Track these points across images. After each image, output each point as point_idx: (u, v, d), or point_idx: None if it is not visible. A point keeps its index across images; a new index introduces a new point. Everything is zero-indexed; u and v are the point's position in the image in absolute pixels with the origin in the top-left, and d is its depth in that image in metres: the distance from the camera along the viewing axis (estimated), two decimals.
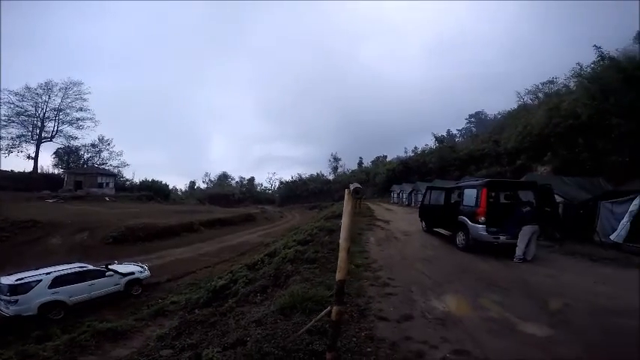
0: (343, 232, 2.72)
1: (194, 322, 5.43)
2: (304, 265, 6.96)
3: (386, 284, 5.93)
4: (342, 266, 2.71)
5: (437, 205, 11.48)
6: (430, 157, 40.99)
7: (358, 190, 2.29)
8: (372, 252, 8.81)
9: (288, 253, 8.17)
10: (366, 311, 4.60)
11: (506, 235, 8.31)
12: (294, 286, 5.39)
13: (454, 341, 3.76)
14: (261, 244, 21.68)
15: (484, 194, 8.62)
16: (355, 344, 3.63)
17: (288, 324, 4.01)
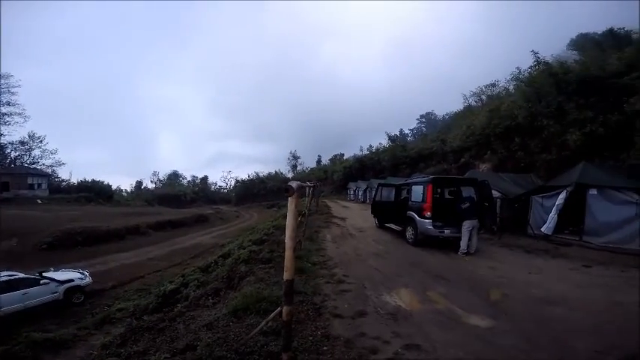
0: (288, 231, 2.71)
1: (141, 329, 5.14)
2: (259, 266, 6.84)
3: (341, 281, 6.01)
4: (288, 266, 2.71)
5: (388, 201, 11.87)
6: (384, 155, 42.21)
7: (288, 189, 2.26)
8: (329, 249, 8.89)
9: (242, 253, 7.97)
10: (322, 309, 4.62)
11: (451, 229, 8.83)
12: (247, 288, 5.29)
13: (405, 336, 3.87)
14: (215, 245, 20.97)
15: (430, 190, 9.08)
16: (312, 343, 3.63)
17: (241, 326, 3.93)
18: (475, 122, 27.07)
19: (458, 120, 35.52)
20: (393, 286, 5.82)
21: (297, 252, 7.82)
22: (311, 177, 59.27)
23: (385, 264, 7.49)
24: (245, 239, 11.00)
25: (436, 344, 3.66)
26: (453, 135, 30.79)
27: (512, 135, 22.49)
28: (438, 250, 8.78)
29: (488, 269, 7.13)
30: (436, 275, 6.56)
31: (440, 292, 5.54)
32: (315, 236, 10.61)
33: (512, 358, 3.41)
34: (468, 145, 27.45)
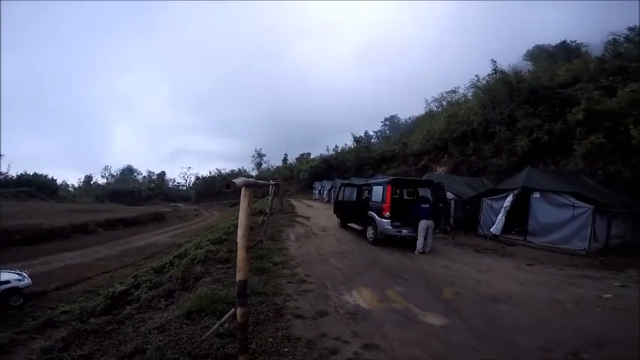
0: (240, 231, 2.67)
1: (86, 332, 4.83)
2: (217, 266, 6.68)
3: (303, 281, 6.01)
4: (241, 266, 2.67)
5: (350, 201, 12.04)
6: (349, 155, 42.90)
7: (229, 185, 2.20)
8: (291, 249, 8.88)
9: (198, 253, 7.69)
10: (283, 310, 4.60)
11: (408, 229, 9.16)
12: (203, 289, 5.14)
13: (364, 335, 3.93)
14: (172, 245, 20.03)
15: (389, 191, 9.37)
16: (272, 345, 3.61)
17: (195, 329, 3.84)
18: (435, 127, 28.27)
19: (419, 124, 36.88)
20: (354, 285, 5.91)
21: (259, 251, 7.74)
22: (276, 175, 58.64)
23: (346, 263, 7.59)
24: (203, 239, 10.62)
25: (394, 343, 3.74)
26: (414, 138, 31.96)
27: (467, 140, 23.81)
28: (396, 250, 9.04)
29: (442, 268, 7.45)
30: (394, 274, 6.75)
31: (397, 290, 5.71)
32: (278, 235, 10.52)
33: (464, 356, 3.56)
34: (427, 148, 28.66)
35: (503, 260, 8.52)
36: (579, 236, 8.75)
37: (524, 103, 19.85)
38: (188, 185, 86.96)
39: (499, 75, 22.98)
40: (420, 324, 4.37)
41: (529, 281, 6.54)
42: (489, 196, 11.51)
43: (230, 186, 2.39)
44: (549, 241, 9.38)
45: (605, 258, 8.04)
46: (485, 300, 5.37)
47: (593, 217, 8.49)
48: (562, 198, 9.28)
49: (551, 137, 17.85)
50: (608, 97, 16.37)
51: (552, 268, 7.65)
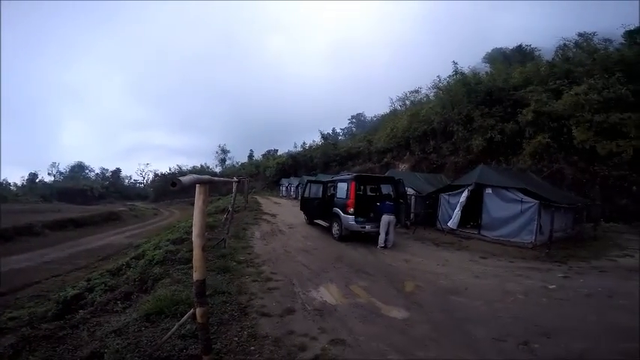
0: (196, 229, 2.62)
1: (37, 338, 4.49)
2: (177, 266, 6.43)
3: (269, 279, 5.96)
4: (198, 265, 2.64)
5: (316, 198, 12.10)
6: (316, 152, 43.16)
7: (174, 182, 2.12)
8: (257, 247, 8.75)
9: (157, 254, 7.37)
10: (249, 308, 4.54)
11: (371, 225, 9.40)
12: (162, 290, 4.97)
13: (331, 331, 3.99)
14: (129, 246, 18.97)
15: (353, 187, 9.52)
16: (237, 344, 3.56)
17: (154, 331, 3.72)
18: (398, 125, 29.21)
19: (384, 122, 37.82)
20: (320, 281, 5.97)
21: (222, 250, 7.57)
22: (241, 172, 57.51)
23: (313, 260, 7.62)
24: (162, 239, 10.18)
25: (359, 338, 3.83)
26: (379, 136, 32.81)
27: (428, 138, 24.91)
28: (360, 245, 9.22)
29: (403, 262, 7.71)
30: (358, 269, 6.88)
31: (362, 285, 5.83)
32: (242, 234, 10.33)
33: (424, 347, 3.70)
34: (390, 146, 29.56)
35: (460, 253, 8.95)
36: (527, 230, 9.39)
37: (480, 104, 21.07)
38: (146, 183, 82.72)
39: (459, 76, 24.18)
40: (383, 318, 4.50)
41: (483, 273, 6.93)
42: (447, 191, 12.00)
43: (176, 184, 2.22)
44: (501, 235, 9.97)
45: (549, 250, 8.68)
46: (443, 292, 5.62)
47: (539, 212, 9.14)
48: (511, 193, 9.89)
49: (503, 136, 19.14)
50: (555, 100, 17.84)
51: (504, 260, 8.16)
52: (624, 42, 19.78)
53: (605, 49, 20.13)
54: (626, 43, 19.40)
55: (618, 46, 19.98)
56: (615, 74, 16.48)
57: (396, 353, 3.53)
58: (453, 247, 9.64)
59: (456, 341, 3.84)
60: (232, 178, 7.98)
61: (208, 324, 2.98)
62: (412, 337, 3.93)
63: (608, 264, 7.83)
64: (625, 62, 17.37)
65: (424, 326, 4.24)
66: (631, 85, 15.73)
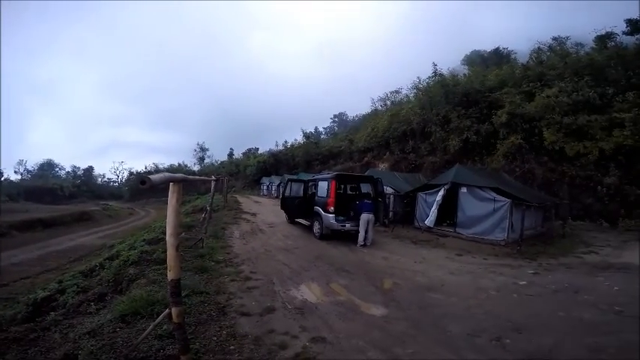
0: (169, 229, 2.60)
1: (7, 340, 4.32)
2: (152, 267, 6.30)
3: (248, 278, 5.93)
4: (172, 265, 2.62)
5: (296, 196, 12.10)
6: (298, 151, 43.02)
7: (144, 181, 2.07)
8: (236, 246, 8.66)
9: (131, 254, 7.18)
10: (227, 308, 4.52)
11: (351, 223, 9.51)
12: (137, 291, 4.87)
13: (311, 329, 4.02)
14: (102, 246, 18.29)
15: (333, 186, 9.60)
16: (216, 343, 3.55)
17: (130, 332, 3.69)
18: (378, 125, 29.55)
19: (365, 122, 38.18)
20: (301, 280, 5.99)
21: (199, 250, 7.45)
22: (221, 171, 56.62)
23: (293, 259, 7.63)
24: (138, 239, 9.90)
25: (340, 335, 3.88)
26: (360, 136, 33.08)
27: (407, 138, 25.34)
28: (341, 244, 9.30)
29: (382, 260, 7.85)
30: (339, 268, 6.94)
31: (342, 283, 5.89)
32: (221, 233, 10.19)
33: (402, 343, 3.77)
34: (371, 145, 29.89)
35: (436, 251, 9.18)
36: (500, 227, 9.74)
37: (457, 105, 21.62)
38: (120, 181, 79.82)
39: (438, 78, 24.70)
40: (362, 315, 4.57)
41: (458, 270, 7.14)
42: (424, 190, 12.27)
43: (145, 182, 2.14)
44: (475, 233, 10.30)
45: (520, 248, 9.03)
46: (420, 289, 5.75)
47: (511, 210, 9.49)
48: (485, 193, 10.23)
49: (478, 137, 19.73)
50: (528, 102, 18.55)
51: (478, 257, 8.43)
52: (595, 46, 20.70)
53: (576, 53, 21.07)
54: (597, 47, 20.30)
55: (589, 50, 20.90)
56: (584, 78, 17.30)
57: (375, 350, 3.59)
58: (430, 245, 9.87)
59: (432, 337, 3.94)
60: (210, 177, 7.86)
61: (185, 324, 2.96)
62: (390, 333, 4.01)
63: (575, 261, 8.22)
64: (594, 66, 18.22)
65: (402, 323, 4.33)
66: (598, 89, 16.54)
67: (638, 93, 15.55)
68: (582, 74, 17.76)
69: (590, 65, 18.41)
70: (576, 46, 22.42)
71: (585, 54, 20.54)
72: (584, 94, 16.38)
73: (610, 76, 17.22)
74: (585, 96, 16.32)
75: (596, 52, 19.59)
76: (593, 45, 21.07)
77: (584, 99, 16.33)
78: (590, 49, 21.01)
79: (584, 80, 17.13)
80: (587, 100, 16.28)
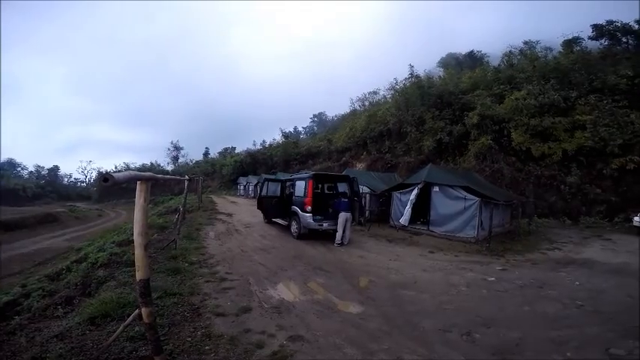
0: (136, 228, 2.58)
1: None
2: (123, 269, 6.13)
3: (223, 279, 5.87)
4: (140, 265, 2.61)
5: (274, 196, 12.05)
6: (276, 150, 42.73)
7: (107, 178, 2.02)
8: (211, 247, 8.52)
9: (100, 256, 6.92)
10: (202, 309, 4.47)
11: (328, 222, 9.59)
12: (106, 293, 4.77)
13: (289, 328, 4.04)
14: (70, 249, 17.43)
15: (310, 186, 9.65)
16: (191, 344, 3.50)
17: (100, 334, 3.64)
18: (356, 125, 29.91)
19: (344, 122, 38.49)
20: (278, 280, 6.00)
21: (172, 252, 7.29)
22: (195, 170, 55.32)
23: (270, 258, 7.60)
24: (107, 241, 9.54)
25: (317, 333, 3.92)
26: (339, 136, 33.34)
27: (384, 139, 25.77)
28: (318, 243, 9.36)
29: (358, 258, 7.96)
30: (316, 267, 6.99)
31: (319, 282, 5.95)
32: (195, 234, 9.99)
33: (377, 340, 3.85)
34: (349, 145, 30.20)
35: (410, 249, 9.40)
36: (470, 225, 10.08)
37: (432, 107, 22.21)
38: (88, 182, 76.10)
39: (414, 79, 25.25)
40: (339, 313, 4.63)
41: (431, 267, 7.35)
42: (398, 190, 12.50)
43: (108, 180, 2.05)
44: (447, 230, 10.62)
45: (489, 244, 9.38)
46: (395, 287, 5.88)
47: (480, 208, 9.86)
48: (456, 191, 10.55)
49: (451, 138, 20.35)
50: (498, 104, 19.33)
51: (449, 254, 8.69)
52: (562, 50, 21.78)
53: (545, 57, 22.10)
54: (563, 51, 21.37)
55: (557, 54, 21.95)
56: (550, 81, 18.24)
57: (352, 346, 3.65)
58: (405, 243, 10.08)
59: (406, 333, 4.04)
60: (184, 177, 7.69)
61: (156, 324, 2.92)
62: (366, 330, 4.09)
63: (540, 257, 8.62)
64: (560, 70, 19.25)
65: (377, 320, 4.42)
66: (563, 92, 17.50)
67: (599, 96, 16.59)
68: (549, 77, 18.72)
69: (557, 69, 19.43)
70: (545, 50, 23.51)
71: (553, 58, 21.58)
72: (549, 97, 17.25)
73: (574, 80, 18.24)
74: (551, 99, 17.20)
75: (563, 57, 20.61)
76: (560, 49, 22.14)
77: (549, 102, 17.20)
78: (558, 53, 22.06)
79: (550, 83, 18.05)
80: (552, 103, 17.17)
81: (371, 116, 28.49)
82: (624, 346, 3.70)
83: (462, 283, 6.22)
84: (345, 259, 7.79)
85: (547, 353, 3.61)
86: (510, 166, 17.59)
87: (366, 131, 27.54)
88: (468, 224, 10.12)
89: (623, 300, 5.37)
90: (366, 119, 28.70)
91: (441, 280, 6.37)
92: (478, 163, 18.35)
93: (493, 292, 5.74)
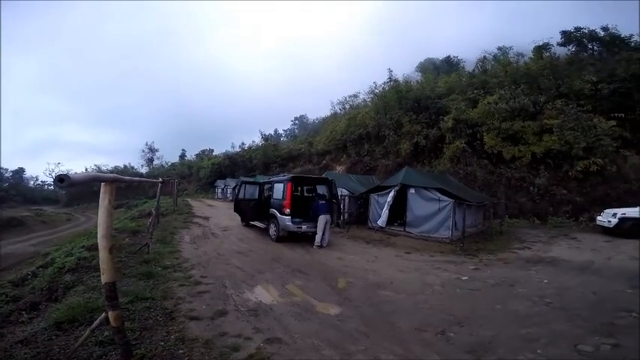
0: (101, 230, 2.54)
1: None
2: (92, 273, 5.94)
3: (198, 283, 5.78)
4: (105, 267, 2.58)
5: (252, 199, 11.94)
6: (256, 153, 42.22)
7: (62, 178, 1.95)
8: (185, 251, 8.36)
9: (68, 261, 6.64)
10: (175, 313, 4.38)
11: (308, 225, 9.59)
12: (74, 298, 4.65)
13: (266, 330, 4.01)
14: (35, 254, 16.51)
15: (289, 188, 9.62)
16: (163, 348, 3.45)
17: (68, 339, 3.55)
18: (337, 128, 30.09)
19: (325, 125, 38.54)
20: (255, 283, 5.94)
21: (145, 256, 7.11)
22: (171, 173, 53.85)
23: (248, 261, 7.53)
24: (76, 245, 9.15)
25: (295, 335, 3.91)
26: (319, 138, 33.41)
27: (363, 142, 26.06)
28: (297, 245, 9.35)
29: (337, 260, 8.01)
30: (295, 269, 6.98)
31: (297, 284, 5.94)
32: (169, 238, 9.77)
33: (355, 341, 3.87)
34: (329, 148, 30.34)
35: (387, 250, 9.55)
36: (444, 226, 10.34)
37: (409, 111, 22.68)
38: None
39: (393, 83, 25.73)
40: (318, 315, 4.64)
41: (407, 268, 7.49)
42: (376, 192, 12.67)
43: (63, 180, 1.92)
44: (423, 231, 10.84)
45: (463, 245, 9.67)
46: (372, 287, 5.95)
47: (454, 210, 10.12)
48: (431, 193, 10.80)
49: (427, 141, 20.86)
50: (472, 108, 19.98)
51: (425, 255, 8.88)
52: (532, 56, 22.60)
53: (516, 63, 23.01)
54: (534, 57, 22.20)
55: (527, 60, 22.81)
56: (521, 86, 19.02)
57: (330, 348, 3.66)
58: (382, 244, 10.23)
59: (382, 333, 4.09)
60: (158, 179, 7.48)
61: (124, 328, 2.86)
62: (344, 331, 4.11)
63: (511, 256, 8.92)
64: (530, 75, 20.10)
65: (355, 320, 4.45)
66: (532, 96, 18.27)
67: (566, 101, 17.46)
68: (520, 82, 19.51)
69: (527, 74, 20.28)
70: (517, 56, 24.51)
71: (524, 63, 22.47)
72: (520, 102, 17.97)
73: (543, 85, 19.10)
74: (521, 103, 17.92)
75: (533, 62, 21.47)
76: (531, 55, 22.97)
77: (519, 106, 17.91)
78: (529, 58, 22.93)
79: (521, 88, 18.83)
80: (522, 107, 17.89)
81: (351, 119, 28.73)
82: (591, 343, 3.82)
83: (437, 282, 6.35)
84: (323, 261, 7.82)
85: (518, 351, 3.68)
86: (483, 169, 18.20)
87: (346, 134, 27.76)
88: (443, 225, 10.37)
89: (589, 297, 5.59)
90: (346, 122, 28.90)
91: (417, 280, 6.48)
92: (452, 166, 18.89)
93: (466, 291, 5.88)
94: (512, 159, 17.50)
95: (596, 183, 15.58)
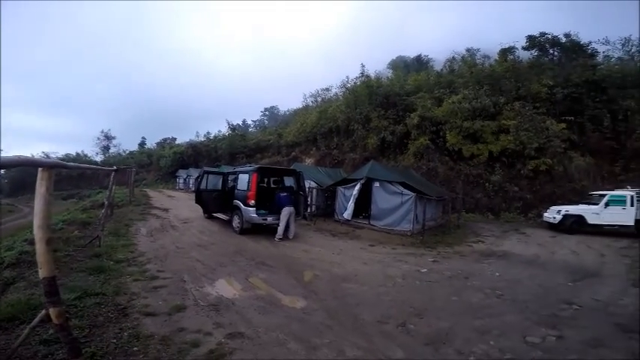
0: (37, 220, 2.31)
1: None
2: (35, 269, 5.41)
3: (154, 277, 5.49)
4: (42, 261, 2.36)
5: (215, 190, 11.53)
6: (222, 143, 40.93)
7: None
8: (141, 244, 7.90)
9: (7, 255, 6.05)
10: (129, 309, 4.15)
11: (273, 217, 9.45)
12: (15, 295, 4.31)
13: (227, 325, 3.89)
14: None
15: (254, 179, 9.38)
16: (116, 345, 3.28)
17: (8, 338, 3.32)
18: (307, 121, 29.94)
19: (296, 117, 38.18)
20: (216, 276, 5.76)
21: (95, 249, 6.68)
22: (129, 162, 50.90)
23: (209, 255, 7.28)
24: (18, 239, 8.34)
25: (259, 329, 3.83)
26: (289, 130, 33.09)
27: (333, 135, 26.19)
28: (262, 237, 9.20)
29: (302, 252, 7.98)
30: (259, 262, 6.85)
31: (261, 277, 5.83)
32: (124, 230, 9.20)
33: (320, 334, 3.87)
34: (299, 140, 30.18)
35: (353, 242, 9.67)
36: (406, 219, 10.65)
37: (378, 106, 23.04)
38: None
39: (364, 78, 25.96)
40: (282, 308, 4.58)
41: (370, 260, 7.62)
42: (343, 185, 12.81)
43: None
44: (386, 224, 11.09)
45: (423, 237, 10.04)
46: (337, 280, 5.98)
47: (415, 203, 10.45)
48: (394, 187, 11.05)
49: (394, 137, 21.36)
50: (437, 107, 20.67)
51: (388, 247, 9.11)
52: (497, 59, 23.66)
53: (482, 64, 23.96)
54: (498, 60, 23.25)
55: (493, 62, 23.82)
56: (484, 87, 19.92)
57: (295, 341, 3.63)
58: (347, 237, 10.35)
59: (346, 326, 4.13)
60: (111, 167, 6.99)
61: (69, 325, 2.67)
62: (309, 324, 4.10)
63: (467, 249, 9.40)
64: (493, 77, 21.11)
65: (320, 313, 4.45)
66: (493, 98, 19.23)
67: (523, 103, 18.58)
68: (483, 84, 20.41)
69: (491, 76, 21.28)
70: (484, 58, 25.55)
71: (489, 65, 23.46)
72: (482, 102, 18.86)
73: (504, 87, 20.18)
74: (483, 104, 18.82)
75: (497, 64, 22.53)
76: (496, 57, 24.04)
77: (481, 106, 18.80)
78: (494, 60, 23.99)
79: (484, 89, 19.74)
80: (483, 108, 18.80)
81: (322, 112, 28.68)
82: (538, 334, 4.09)
83: (398, 274, 6.52)
84: (289, 254, 7.75)
85: (473, 342, 3.84)
86: (444, 165, 19.00)
87: (317, 127, 27.72)
88: (405, 218, 10.66)
89: (535, 289, 5.99)
90: (318, 115, 28.82)
91: (380, 273, 6.62)
92: (416, 161, 19.54)
93: (425, 284, 6.09)
94: (471, 156, 18.40)
95: (545, 181, 16.84)
